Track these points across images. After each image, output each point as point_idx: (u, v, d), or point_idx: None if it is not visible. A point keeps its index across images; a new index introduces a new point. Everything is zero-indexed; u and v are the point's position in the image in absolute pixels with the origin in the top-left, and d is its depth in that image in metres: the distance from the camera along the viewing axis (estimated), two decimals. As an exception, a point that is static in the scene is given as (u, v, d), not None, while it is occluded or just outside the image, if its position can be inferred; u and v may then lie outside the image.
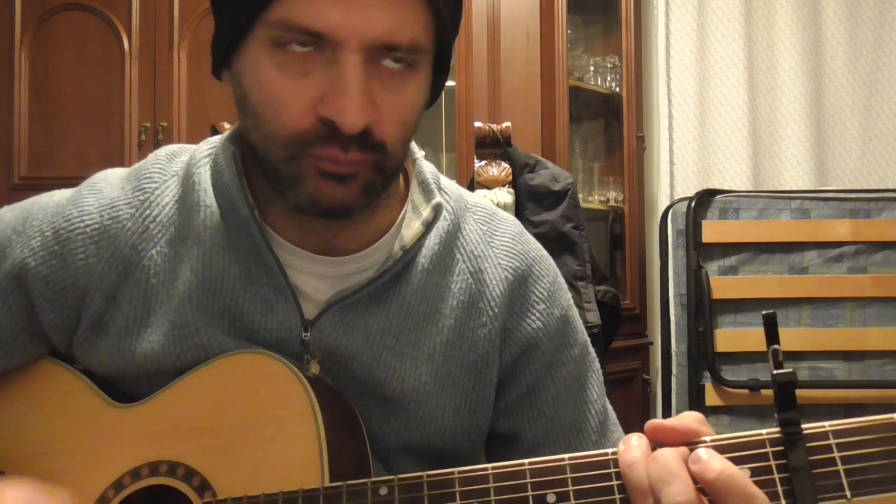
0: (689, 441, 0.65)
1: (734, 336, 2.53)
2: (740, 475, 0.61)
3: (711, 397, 2.52)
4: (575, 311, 0.97)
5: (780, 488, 0.62)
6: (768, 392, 2.47)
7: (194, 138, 0.91)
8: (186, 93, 2.83)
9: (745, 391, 2.50)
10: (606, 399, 0.98)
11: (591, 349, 0.98)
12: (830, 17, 3.39)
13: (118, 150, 2.79)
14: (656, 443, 0.66)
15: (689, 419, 0.66)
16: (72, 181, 0.94)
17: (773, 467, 0.63)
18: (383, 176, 0.78)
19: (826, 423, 0.63)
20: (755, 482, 0.62)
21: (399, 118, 0.76)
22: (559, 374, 0.92)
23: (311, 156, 0.74)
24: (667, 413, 2.65)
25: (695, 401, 2.52)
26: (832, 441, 0.62)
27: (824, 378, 2.50)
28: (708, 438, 0.65)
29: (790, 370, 0.63)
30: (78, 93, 2.81)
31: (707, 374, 2.52)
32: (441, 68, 0.82)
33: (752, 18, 3.41)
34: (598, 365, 0.98)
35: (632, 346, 3.20)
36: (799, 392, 0.63)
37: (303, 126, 0.73)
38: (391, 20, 0.71)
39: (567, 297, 0.96)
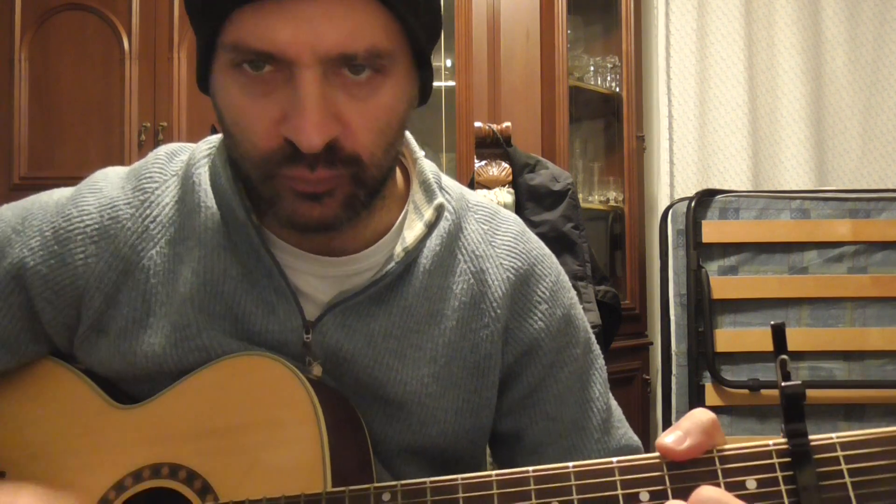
0: (699, 456, 0.64)
1: (734, 336, 2.53)
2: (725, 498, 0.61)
3: (711, 397, 2.52)
4: (578, 310, 0.96)
5: (786, 501, 0.62)
6: (768, 392, 2.47)
7: (194, 138, 0.91)
8: (186, 93, 2.82)
9: (745, 391, 2.50)
10: (610, 395, 0.97)
11: (595, 346, 0.98)
12: (830, 17, 3.39)
13: (118, 150, 2.79)
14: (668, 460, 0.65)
15: (696, 434, 0.64)
16: (72, 181, 0.93)
17: (780, 479, 0.62)
18: (365, 187, 0.76)
19: (833, 435, 0.62)
20: (761, 494, 0.61)
21: (373, 126, 0.74)
22: (562, 373, 0.92)
23: (281, 176, 0.74)
24: (667, 413, 2.65)
25: (695, 401, 2.52)
26: (840, 453, 0.62)
27: (824, 378, 2.50)
28: (714, 450, 0.64)
29: (799, 382, 0.62)
30: (78, 93, 2.80)
31: (707, 374, 2.53)
32: (423, 65, 0.80)
33: (752, 18, 3.40)
34: (601, 361, 0.97)
35: (632, 346, 3.20)
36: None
37: (270, 146, 0.73)
38: (343, 30, 0.69)
39: (570, 295, 0.96)
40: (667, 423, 2.67)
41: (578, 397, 0.93)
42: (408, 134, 0.90)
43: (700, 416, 0.65)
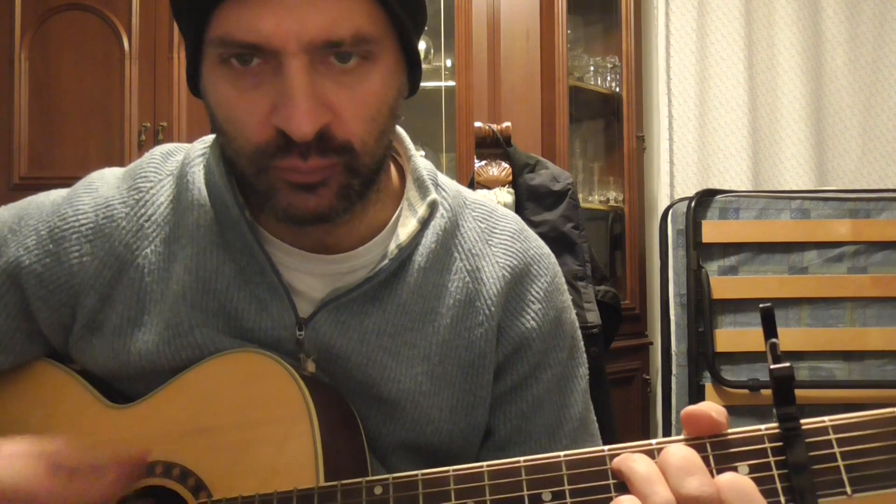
0: (707, 434, 0.64)
1: (734, 336, 2.53)
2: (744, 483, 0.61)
3: (711, 397, 2.53)
4: (569, 313, 0.96)
5: (779, 485, 0.61)
6: (768, 392, 2.43)
7: (194, 138, 0.91)
8: (186, 93, 2.80)
9: (745, 391, 2.50)
10: (589, 407, 0.97)
11: (580, 354, 0.97)
12: (830, 17, 3.39)
13: (118, 150, 2.79)
14: (690, 431, 0.65)
15: (714, 413, 0.64)
16: (72, 181, 0.93)
17: (772, 463, 0.62)
18: (359, 176, 0.76)
19: (826, 418, 0.62)
20: (754, 479, 0.61)
21: (363, 113, 0.74)
22: (544, 375, 0.91)
23: (275, 168, 0.74)
24: (667, 413, 2.65)
25: (695, 401, 2.49)
26: (832, 436, 0.61)
27: (824, 378, 2.51)
28: (706, 437, 0.64)
29: (787, 364, 0.62)
30: (78, 93, 2.80)
31: (707, 374, 2.53)
32: (410, 54, 0.80)
33: (752, 18, 3.40)
34: (584, 370, 0.97)
35: (632, 346, 3.19)
36: (799, 392, 0.62)
37: (263, 139, 0.73)
38: (326, 17, 0.70)
39: (564, 298, 0.95)
40: (667, 423, 2.67)
41: (555, 402, 0.92)
42: (402, 131, 0.90)
43: (712, 405, 0.65)
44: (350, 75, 0.73)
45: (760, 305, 0.63)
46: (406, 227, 0.86)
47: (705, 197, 2.59)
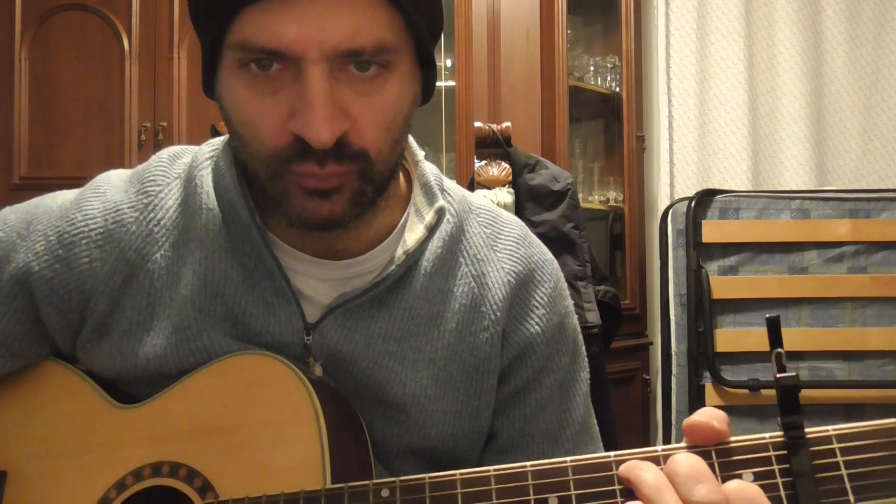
0: (711, 444, 0.65)
1: (734, 336, 2.53)
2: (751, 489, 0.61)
3: (711, 397, 2.53)
4: (572, 319, 0.96)
5: (783, 493, 0.62)
6: (768, 392, 2.47)
7: (194, 138, 0.91)
8: (186, 93, 2.83)
9: (745, 391, 2.50)
10: (591, 412, 0.97)
11: (582, 358, 0.97)
12: (830, 17, 3.39)
13: (118, 150, 2.79)
14: (693, 442, 0.65)
15: (716, 422, 0.65)
16: (72, 181, 0.93)
17: (776, 472, 0.62)
18: (372, 183, 0.76)
19: (830, 428, 0.62)
20: (758, 486, 0.61)
21: (379, 122, 0.75)
22: (547, 380, 0.92)
23: (291, 173, 0.74)
24: (667, 413, 2.65)
25: (695, 401, 2.52)
26: (836, 445, 0.62)
27: (824, 378, 2.51)
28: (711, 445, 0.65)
29: (793, 374, 0.62)
30: (78, 93, 2.80)
31: (707, 374, 2.53)
32: (426, 63, 0.80)
33: (752, 18, 3.41)
34: (585, 374, 0.97)
35: (632, 346, 3.20)
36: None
37: (279, 144, 0.73)
38: (348, 26, 0.70)
39: (567, 303, 0.96)
40: (667, 423, 2.68)
41: (558, 407, 0.93)
42: (409, 136, 0.90)
43: (711, 411, 0.66)
44: (368, 84, 0.73)
45: (767, 316, 0.64)
46: (413, 233, 0.86)
47: (705, 197, 2.59)
